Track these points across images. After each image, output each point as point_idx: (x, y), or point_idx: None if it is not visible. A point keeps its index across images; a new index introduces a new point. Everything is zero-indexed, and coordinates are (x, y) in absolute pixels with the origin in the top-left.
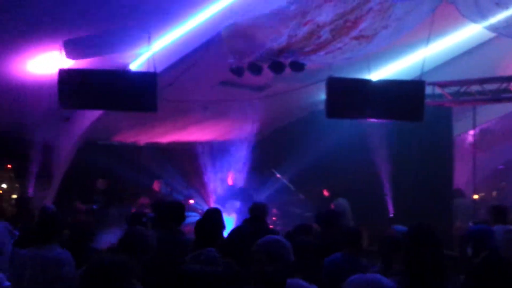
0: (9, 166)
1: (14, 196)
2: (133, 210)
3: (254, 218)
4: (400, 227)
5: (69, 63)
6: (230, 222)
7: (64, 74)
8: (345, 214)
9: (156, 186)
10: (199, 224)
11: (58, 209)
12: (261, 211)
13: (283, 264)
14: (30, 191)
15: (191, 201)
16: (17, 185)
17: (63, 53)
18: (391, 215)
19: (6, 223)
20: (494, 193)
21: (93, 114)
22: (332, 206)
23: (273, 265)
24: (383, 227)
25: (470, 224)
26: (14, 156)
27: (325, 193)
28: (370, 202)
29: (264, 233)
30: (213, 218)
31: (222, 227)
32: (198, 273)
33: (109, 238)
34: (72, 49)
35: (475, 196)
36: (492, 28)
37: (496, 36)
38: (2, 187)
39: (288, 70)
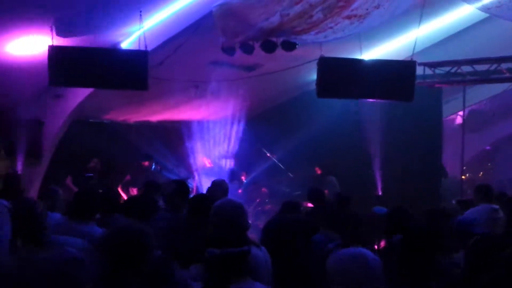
0: None
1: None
2: (119, 187)
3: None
4: (380, 209)
5: (60, 41)
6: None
7: (55, 51)
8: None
9: (146, 164)
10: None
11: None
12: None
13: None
14: (19, 168)
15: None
16: (7, 162)
17: (54, 30)
18: (379, 194)
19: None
20: (481, 174)
21: (84, 92)
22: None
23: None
24: (370, 206)
25: (453, 202)
26: (3, 133)
27: (318, 171)
28: (360, 181)
29: None
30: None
31: None
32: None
33: None
34: (62, 26)
35: (463, 177)
36: (484, 8)
37: (488, 17)
38: None
39: (279, 50)
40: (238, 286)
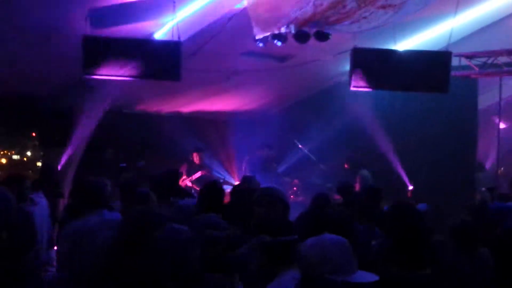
0: (33, 134)
1: (39, 164)
2: None
3: None
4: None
5: (94, 31)
6: None
7: (89, 42)
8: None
9: (196, 158)
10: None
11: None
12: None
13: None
14: (61, 160)
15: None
16: (41, 153)
17: (88, 20)
18: (411, 188)
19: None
20: None
21: (117, 83)
22: (357, 178)
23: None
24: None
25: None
26: (38, 124)
27: (346, 165)
28: (391, 175)
29: None
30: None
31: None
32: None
33: None
34: (97, 17)
35: (498, 171)
36: None
37: None
38: (26, 155)
39: (312, 40)
40: (287, 274)
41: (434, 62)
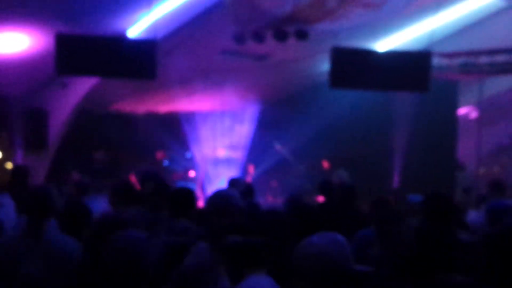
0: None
1: (9, 165)
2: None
3: None
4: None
5: (67, 28)
6: None
7: (62, 39)
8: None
9: (159, 156)
10: None
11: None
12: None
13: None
14: (19, 160)
15: (192, 173)
16: (13, 153)
17: (61, 18)
18: (394, 187)
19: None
20: (496, 169)
21: (90, 81)
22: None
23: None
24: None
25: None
26: (10, 123)
27: (325, 164)
28: (373, 174)
29: None
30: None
31: None
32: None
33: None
34: (70, 14)
35: (480, 172)
36: None
37: (507, 7)
38: None
39: (292, 39)
40: (253, 279)
41: (414, 62)
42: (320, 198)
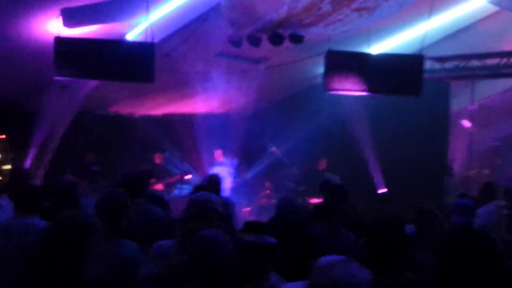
0: (2, 136)
1: (8, 167)
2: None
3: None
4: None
5: (66, 31)
6: None
7: (61, 42)
8: None
9: (157, 159)
10: None
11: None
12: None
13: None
14: (28, 162)
15: (188, 176)
16: (12, 155)
17: (60, 21)
18: (384, 191)
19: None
20: (486, 171)
21: (89, 84)
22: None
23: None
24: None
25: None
26: (9, 125)
27: (320, 166)
28: (365, 178)
29: None
30: None
31: None
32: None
33: None
34: (69, 17)
35: (471, 174)
36: (495, 1)
37: (499, 11)
38: None
39: (287, 42)
40: (275, 276)
41: (407, 65)
42: (314, 200)
